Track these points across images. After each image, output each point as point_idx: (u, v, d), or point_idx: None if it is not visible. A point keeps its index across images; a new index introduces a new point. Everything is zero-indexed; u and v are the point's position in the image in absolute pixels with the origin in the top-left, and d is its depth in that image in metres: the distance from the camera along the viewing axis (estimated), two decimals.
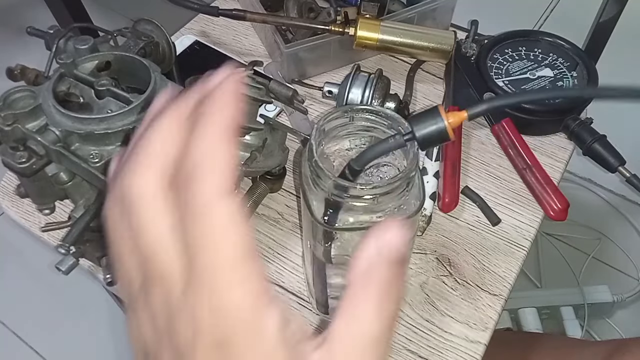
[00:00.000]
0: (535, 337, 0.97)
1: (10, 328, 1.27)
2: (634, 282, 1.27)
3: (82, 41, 0.50)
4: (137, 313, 0.22)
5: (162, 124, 0.22)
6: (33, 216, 0.58)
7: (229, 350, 0.19)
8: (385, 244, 0.21)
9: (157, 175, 0.21)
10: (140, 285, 0.22)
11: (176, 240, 0.20)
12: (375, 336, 0.21)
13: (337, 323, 0.21)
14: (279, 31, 0.67)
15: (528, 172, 0.59)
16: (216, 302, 0.19)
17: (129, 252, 0.22)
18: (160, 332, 0.21)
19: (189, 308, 0.20)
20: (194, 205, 0.19)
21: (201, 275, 0.19)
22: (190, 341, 0.20)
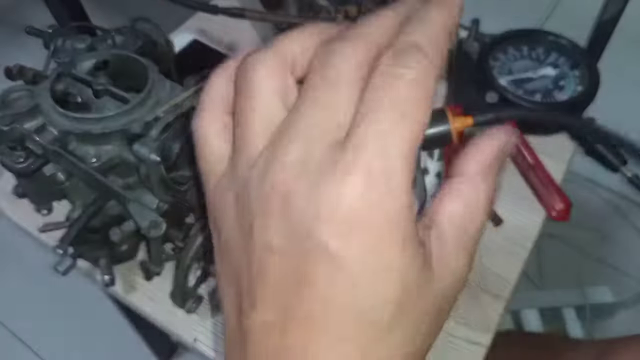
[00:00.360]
0: (535, 337, 0.97)
1: (9, 328, 1.27)
2: (635, 283, 1.26)
3: (80, 40, 0.50)
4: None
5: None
6: (31, 216, 0.57)
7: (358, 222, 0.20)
8: (508, 144, 0.24)
9: None
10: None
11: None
12: (483, 223, 0.24)
13: (452, 206, 0.24)
14: (279, 29, 0.67)
15: (530, 172, 0.59)
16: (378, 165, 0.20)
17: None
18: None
19: (345, 158, 0.20)
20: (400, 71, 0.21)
21: (366, 134, 0.21)
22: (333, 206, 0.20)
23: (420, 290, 0.22)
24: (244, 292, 0.23)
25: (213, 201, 0.25)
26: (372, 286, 0.21)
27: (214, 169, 0.25)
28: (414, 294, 0.22)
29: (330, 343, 0.21)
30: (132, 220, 0.45)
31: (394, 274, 0.21)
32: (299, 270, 0.21)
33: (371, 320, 0.21)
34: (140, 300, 0.52)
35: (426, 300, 0.22)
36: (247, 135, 0.23)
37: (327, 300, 0.21)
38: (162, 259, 0.48)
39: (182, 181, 0.44)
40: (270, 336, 0.22)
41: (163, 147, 0.42)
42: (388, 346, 0.22)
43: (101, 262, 0.48)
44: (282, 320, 0.22)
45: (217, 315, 0.51)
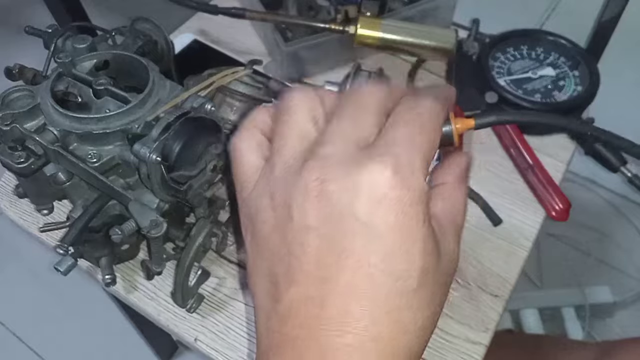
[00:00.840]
0: (535, 338, 0.97)
1: (9, 328, 1.27)
2: (635, 283, 1.26)
3: (81, 40, 0.50)
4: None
5: None
6: (31, 216, 0.57)
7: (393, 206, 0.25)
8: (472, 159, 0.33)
9: None
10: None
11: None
12: (465, 215, 0.30)
13: (442, 205, 0.29)
14: (279, 30, 0.67)
15: (530, 172, 0.59)
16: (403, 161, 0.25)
17: None
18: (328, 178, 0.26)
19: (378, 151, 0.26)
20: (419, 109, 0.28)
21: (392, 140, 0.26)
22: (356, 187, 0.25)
23: (435, 262, 0.26)
24: (280, 278, 0.26)
25: (248, 205, 0.29)
26: (404, 254, 0.25)
27: (250, 178, 0.29)
28: (432, 264, 0.26)
29: (369, 309, 0.24)
30: (132, 220, 0.45)
31: (419, 244, 0.25)
32: (337, 244, 0.25)
33: (402, 285, 0.25)
34: (141, 299, 0.52)
35: (439, 272, 0.26)
36: (284, 145, 0.28)
37: (367, 267, 0.24)
38: (163, 259, 0.48)
39: (183, 181, 0.44)
40: (310, 308, 0.25)
41: (163, 147, 0.42)
42: (413, 309, 0.25)
43: (102, 262, 0.48)
44: (321, 292, 0.25)
45: (214, 314, 0.51)
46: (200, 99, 0.46)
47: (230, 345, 0.49)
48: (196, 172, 0.44)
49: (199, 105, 0.46)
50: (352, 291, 0.24)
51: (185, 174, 0.44)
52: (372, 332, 0.24)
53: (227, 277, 0.53)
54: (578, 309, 1.18)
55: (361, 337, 0.24)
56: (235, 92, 0.50)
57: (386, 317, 0.24)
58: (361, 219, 0.24)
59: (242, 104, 0.51)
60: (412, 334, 0.25)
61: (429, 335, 0.27)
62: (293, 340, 0.25)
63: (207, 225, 0.48)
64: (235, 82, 0.50)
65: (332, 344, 0.24)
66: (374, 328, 0.24)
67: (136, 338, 1.11)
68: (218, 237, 0.50)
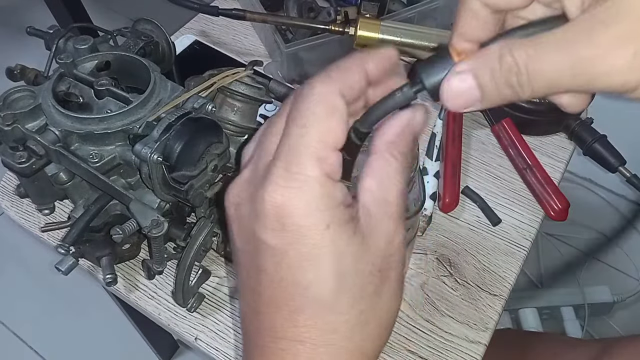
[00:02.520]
0: (534, 336, 0.97)
1: (10, 328, 1.27)
2: (634, 283, 1.26)
3: (82, 41, 0.50)
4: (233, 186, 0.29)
5: None
6: (33, 216, 0.58)
7: (291, 219, 0.25)
8: (413, 119, 0.27)
9: None
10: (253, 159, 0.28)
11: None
12: (400, 190, 0.27)
13: (368, 183, 0.27)
14: (279, 31, 0.67)
15: (528, 172, 0.59)
16: (292, 169, 0.25)
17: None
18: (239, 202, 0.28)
19: (267, 176, 0.26)
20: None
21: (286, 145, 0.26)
22: (260, 207, 0.26)
23: (356, 257, 0.26)
24: (240, 288, 0.30)
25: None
26: (308, 265, 0.26)
27: None
28: (349, 262, 0.26)
29: (288, 316, 0.27)
30: (133, 220, 0.45)
31: (324, 250, 0.25)
32: (255, 262, 0.27)
33: (314, 293, 0.26)
34: (141, 299, 0.52)
35: (365, 263, 0.26)
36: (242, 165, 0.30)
37: (278, 282, 0.26)
38: (164, 258, 0.49)
39: (183, 181, 0.44)
40: (250, 318, 0.29)
41: (164, 147, 0.43)
42: (337, 311, 0.26)
43: (103, 262, 0.49)
44: (255, 304, 0.28)
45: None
46: (201, 100, 0.46)
47: (231, 344, 0.49)
48: (197, 172, 0.45)
49: (199, 106, 0.46)
50: (274, 302, 0.27)
51: (186, 174, 0.44)
52: (300, 337, 0.27)
53: (228, 277, 0.53)
54: (577, 309, 1.18)
55: (289, 341, 0.27)
56: (236, 93, 0.50)
57: (309, 322, 0.26)
58: (263, 240, 0.26)
59: (243, 104, 0.51)
60: (341, 333, 0.27)
61: (377, 331, 0.28)
62: (246, 345, 0.30)
63: (207, 225, 0.48)
64: (236, 82, 0.50)
65: (269, 348, 0.28)
66: (301, 333, 0.27)
67: (137, 337, 1.11)
68: (219, 237, 0.51)
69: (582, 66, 0.22)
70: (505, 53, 0.23)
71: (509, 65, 0.23)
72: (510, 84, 0.23)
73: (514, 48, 0.23)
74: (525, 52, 0.23)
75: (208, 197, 0.47)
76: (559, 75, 0.22)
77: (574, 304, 1.18)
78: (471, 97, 0.25)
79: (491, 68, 0.24)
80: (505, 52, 0.23)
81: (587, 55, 0.22)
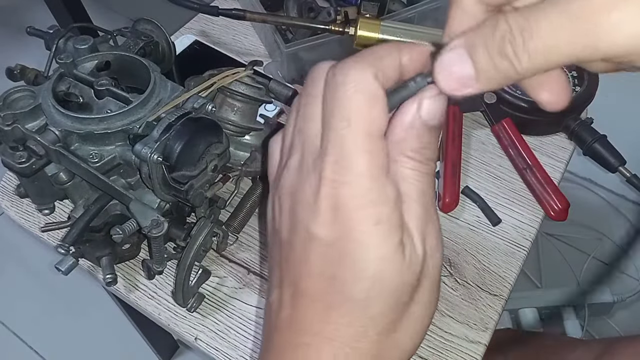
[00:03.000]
0: (534, 336, 0.97)
1: (10, 328, 1.27)
2: (634, 282, 1.26)
3: (82, 41, 0.50)
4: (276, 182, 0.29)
5: None
6: (33, 216, 0.58)
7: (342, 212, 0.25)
8: (421, 112, 0.26)
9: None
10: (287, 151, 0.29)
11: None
12: (422, 190, 0.27)
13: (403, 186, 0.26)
14: (279, 31, 0.67)
15: (528, 172, 0.59)
16: (343, 163, 0.25)
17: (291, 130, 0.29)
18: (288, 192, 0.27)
19: (318, 169, 0.25)
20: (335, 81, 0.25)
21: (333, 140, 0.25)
22: (312, 200, 0.26)
23: (399, 264, 0.25)
24: (270, 276, 0.30)
25: (269, 199, 0.31)
26: (350, 262, 0.25)
27: (273, 176, 0.32)
28: (389, 269, 0.25)
29: (322, 311, 0.26)
30: (133, 220, 0.45)
31: (368, 251, 0.25)
32: (298, 253, 0.27)
33: (351, 292, 0.26)
34: (141, 299, 0.52)
35: (405, 273, 0.26)
36: (282, 150, 0.30)
37: (317, 275, 0.26)
38: (164, 258, 0.49)
39: (183, 181, 0.44)
40: (284, 309, 0.28)
41: (164, 147, 0.43)
42: (369, 315, 0.26)
43: (103, 262, 0.49)
44: (291, 296, 0.28)
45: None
46: (201, 100, 0.46)
47: (231, 344, 0.49)
48: (197, 172, 0.45)
49: (199, 106, 0.46)
50: (310, 295, 0.27)
51: (186, 174, 0.44)
52: (330, 334, 0.26)
53: (228, 277, 0.53)
54: (577, 309, 1.18)
55: (316, 336, 0.27)
56: (236, 93, 0.50)
57: (342, 321, 0.26)
58: (312, 230, 0.26)
59: (243, 104, 0.51)
60: (369, 338, 0.26)
61: (402, 340, 0.27)
62: (268, 340, 0.29)
63: (207, 225, 0.48)
64: (236, 82, 0.50)
65: (292, 341, 0.27)
66: (331, 330, 0.26)
67: (137, 337, 1.11)
68: (219, 237, 0.51)
69: (582, 25, 0.19)
70: (499, 20, 0.21)
71: (503, 32, 0.21)
72: (504, 53, 0.21)
73: (509, 15, 0.21)
74: (521, 16, 0.21)
75: (208, 197, 0.47)
76: (557, 39, 0.20)
77: (574, 304, 1.18)
78: (464, 74, 0.23)
79: (484, 39, 0.22)
80: (501, 19, 0.21)
81: (586, 10, 0.19)
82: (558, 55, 0.20)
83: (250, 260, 0.54)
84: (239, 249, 0.55)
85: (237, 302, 0.52)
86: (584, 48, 0.20)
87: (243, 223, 0.55)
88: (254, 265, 0.54)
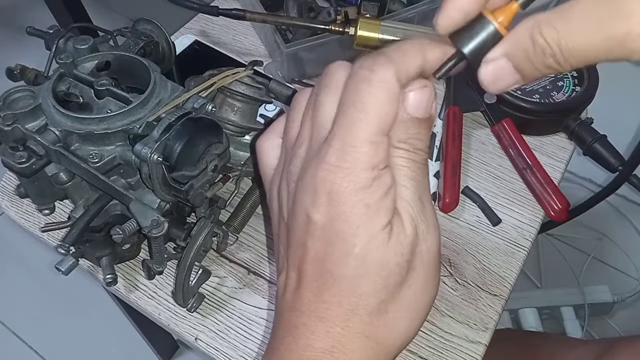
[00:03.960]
0: (534, 336, 0.97)
1: (10, 328, 1.27)
2: (634, 282, 1.26)
3: (82, 41, 0.50)
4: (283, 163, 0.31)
5: None
6: (33, 216, 0.58)
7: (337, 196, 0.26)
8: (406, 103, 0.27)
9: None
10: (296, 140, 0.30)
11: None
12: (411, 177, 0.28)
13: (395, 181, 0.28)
14: (279, 31, 0.67)
15: (528, 172, 0.59)
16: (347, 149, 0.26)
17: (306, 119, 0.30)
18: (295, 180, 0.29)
19: (321, 154, 0.27)
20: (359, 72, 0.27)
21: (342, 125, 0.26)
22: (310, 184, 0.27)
23: (383, 244, 0.27)
24: (277, 263, 0.32)
25: (268, 194, 0.33)
26: (339, 243, 0.27)
27: (269, 172, 0.33)
28: (377, 249, 0.27)
29: (316, 291, 0.28)
30: (133, 220, 0.45)
31: (357, 231, 0.26)
32: (298, 237, 0.28)
33: (340, 272, 0.27)
34: (141, 299, 0.52)
35: (393, 254, 0.27)
36: (285, 143, 0.31)
37: (313, 256, 0.28)
38: (164, 258, 0.49)
39: (184, 181, 0.44)
40: (287, 292, 0.30)
41: (165, 147, 0.43)
42: (357, 294, 0.27)
43: (103, 262, 0.49)
44: (294, 279, 0.29)
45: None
46: (201, 100, 0.46)
47: (231, 344, 0.49)
48: (197, 172, 0.45)
49: (200, 106, 0.46)
50: (307, 277, 0.28)
51: (187, 174, 0.44)
52: (321, 313, 0.28)
53: (228, 277, 0.53)
54: (577, 309, 1.18)
55: (311, 316, 0.28)
56: (236, 93, 0.50)
57: (333, 300, 0.28)
58: (309, 213, 0.27)
59: (243, 104, 0.51)
60: (359, 317, 0.27)
61: (395, 324, 0.28)
62: (275, 322, 0.31)
63: (208, 225, 0.48)
64: (236, 82, 0.50)
65: (292, 322, 0.29)
66: (323, 309, 0.28)
67: (137, 337, 1.11)
68: (219, 237, 0.51)
69: (616, 41, 0.21)
70: (535, 33, 0.23)
71: (542, 47, 0.23)
72: (548, 65, 0.23)
73: (542, 26, 0.23)
74: (556, 30, 0.22)
75: (208, 197, 0.47)
76: (595, 51, 0.22)
77: (574, 304, 1.18)
78: (512, 80, 0.25)
79: (524, 49, 0.23)
80: (535, 32, 0.23)
81: (619, 29, 0.21)
82: (597, 59, 0.22)
83: (250, 260, 0.54)
84: (239, 249, 0.55)
85: (237, 302, 0.52)
86: (620, 56, 0.21)
87: (243, 223, 0.55)
88: (254, 265, 0.54)
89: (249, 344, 0.49)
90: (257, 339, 0.50)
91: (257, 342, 0.50)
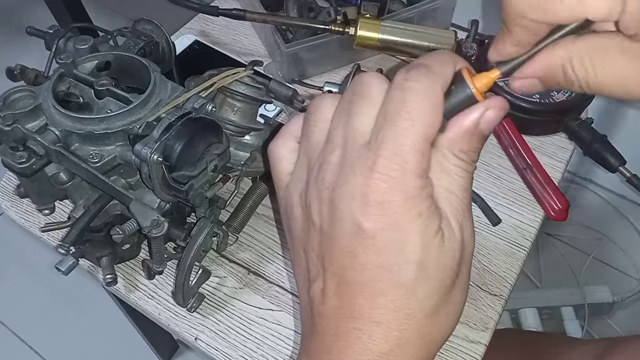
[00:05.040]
0: (534, 336, 0.97)
1: (10, 328, 1.27)
2: (634, 282, 1.26)
3: (82, 41, 0.50)
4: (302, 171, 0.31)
5: None
6: (33, 216, 0.58)
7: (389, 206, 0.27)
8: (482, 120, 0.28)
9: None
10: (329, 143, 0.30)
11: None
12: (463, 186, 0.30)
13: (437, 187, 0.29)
14: (279, 31, 0.67)
15: (528, 172, 0.59)
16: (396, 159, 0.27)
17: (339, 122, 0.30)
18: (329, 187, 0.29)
19: (367, 164, 0.27)
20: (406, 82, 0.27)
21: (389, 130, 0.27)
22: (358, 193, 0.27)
23: (439, 248, 0.28)
24: (307, 269, 0.31)
25: (285, 200, 0.33)
26: (396, 250, 0.27)
27: (285, 178, 0.33)
28: (433, 254, 0.28)
29: (369, 298, 0.28)
30: (133, 220, 0.45)
31: (413, 238, 0.27)
32: (342, 245, 0.28)
33: (398, 278, 0.28)
34: (141, 299, 0.52)
35: (446, 256, 0.28)
36: (307, 147, 0.31)
37: (363, 265, 0.28)
38: (164, 258, 0.49)
39: (184, 181, 0.44)
40: (329, 299, 0.29)
41: (165, 147, 0.43)
42: (415, 298, 0.28)
43: (103, 262, 0.49)
44: (337, 286, 0.29)
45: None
46: (201, 100, 0.46)
47: (231, 344, 0.50)
48: (197, 172, 0.45)
49: (200, 106, 0.46)
50: (357, 284, 0.28)
51: (186, 174, 0.44)
52: (377, 318, 0.28)
53: (228, 277, 0.53)
54: (577, 309, 1.18)
55: (365, 321, 0.28)
56: (236, 93, 0.50)
57: (390, 305, 0.28)
58: (359, 222, 0.27)
59: (243, 104, 0.51)
60: (416, 320, 0.28)
61: (444, 321, 0.30)
62: (315, 327, 0.31)
63: (208, 225, 0.48)
64: (236, 82, 0.50)
65: (343, 327, 0.29)
66: (379, 314, 0.28)
67: (137, 337, 1.11)
68: (219, 237, 0.51)
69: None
70: (567, 67, 0.27)
71: (572, 80, 0.27)
72: (572, 89, 0.28)
73: (575, 63, 0.27)
74: (584, 67, 0.27)
75: (208, 197, 0.47)
76: (622, 88, 0.27)
77: (574, 304, 1.18)
78: (537, 90, 0.29)
79: (554, 77, 0.28)
80: (567, 66, 0.27)
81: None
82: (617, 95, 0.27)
83: (250, 260, 0.54)
84: (239, 249, 0.55)
85: (237, 302, 0.52)
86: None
87: (243, 223, 0.55)
88: (254, 265, 0.54)
89: (248, 344, 0.49)
90: (257, 339, 0.50)
91: (256, 342, 0.50)
